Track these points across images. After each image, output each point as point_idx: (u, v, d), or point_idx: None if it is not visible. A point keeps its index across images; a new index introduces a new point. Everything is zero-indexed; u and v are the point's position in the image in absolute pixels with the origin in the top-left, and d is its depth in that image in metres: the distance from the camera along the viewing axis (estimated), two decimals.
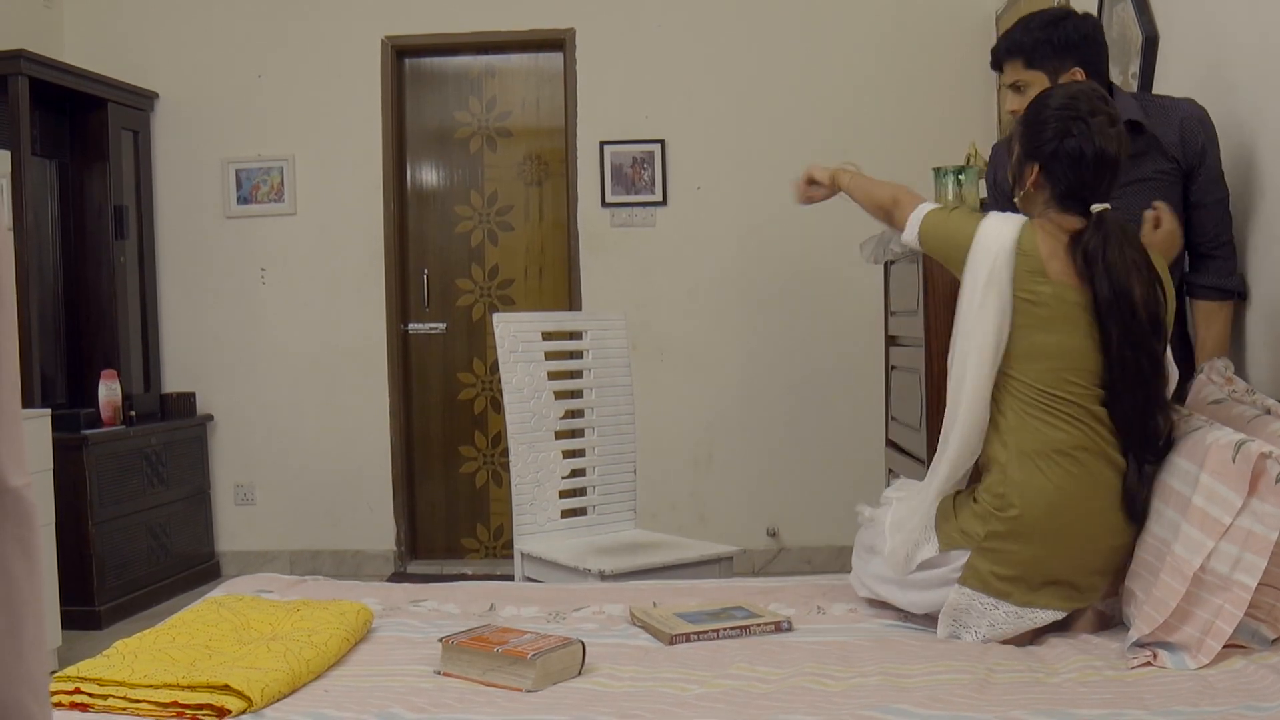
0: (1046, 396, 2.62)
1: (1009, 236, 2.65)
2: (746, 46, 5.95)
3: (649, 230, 6.04)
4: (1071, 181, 2.65)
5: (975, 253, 2.67)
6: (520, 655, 2.35)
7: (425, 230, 6.30)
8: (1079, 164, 2.63)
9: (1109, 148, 2.63)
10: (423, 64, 6.29)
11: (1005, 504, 2.61)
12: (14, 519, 0.82)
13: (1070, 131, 2.64)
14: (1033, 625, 2.61)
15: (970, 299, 2.67)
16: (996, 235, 2.66)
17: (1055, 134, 2.65)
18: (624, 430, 4.30)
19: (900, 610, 2.83)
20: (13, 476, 0.83)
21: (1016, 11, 5.33)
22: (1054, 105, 2.70)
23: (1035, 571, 2.59)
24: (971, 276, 2.67)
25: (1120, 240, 2.60)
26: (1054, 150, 2.65)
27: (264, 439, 6.20)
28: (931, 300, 3.65)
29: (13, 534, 0.82)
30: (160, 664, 2.36)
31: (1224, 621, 2.30)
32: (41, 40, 5.78)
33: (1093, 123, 2.63)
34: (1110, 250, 2.58)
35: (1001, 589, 2.60)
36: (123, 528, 5.34)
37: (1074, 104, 2.67)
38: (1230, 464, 2.32)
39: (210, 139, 6.17)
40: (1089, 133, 2.63)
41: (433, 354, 6.30)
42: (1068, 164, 2.64)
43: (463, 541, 6.32)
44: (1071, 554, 2.59)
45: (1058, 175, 2.66)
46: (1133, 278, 2.58)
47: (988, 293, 2.63)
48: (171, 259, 6.21)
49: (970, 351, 2.66)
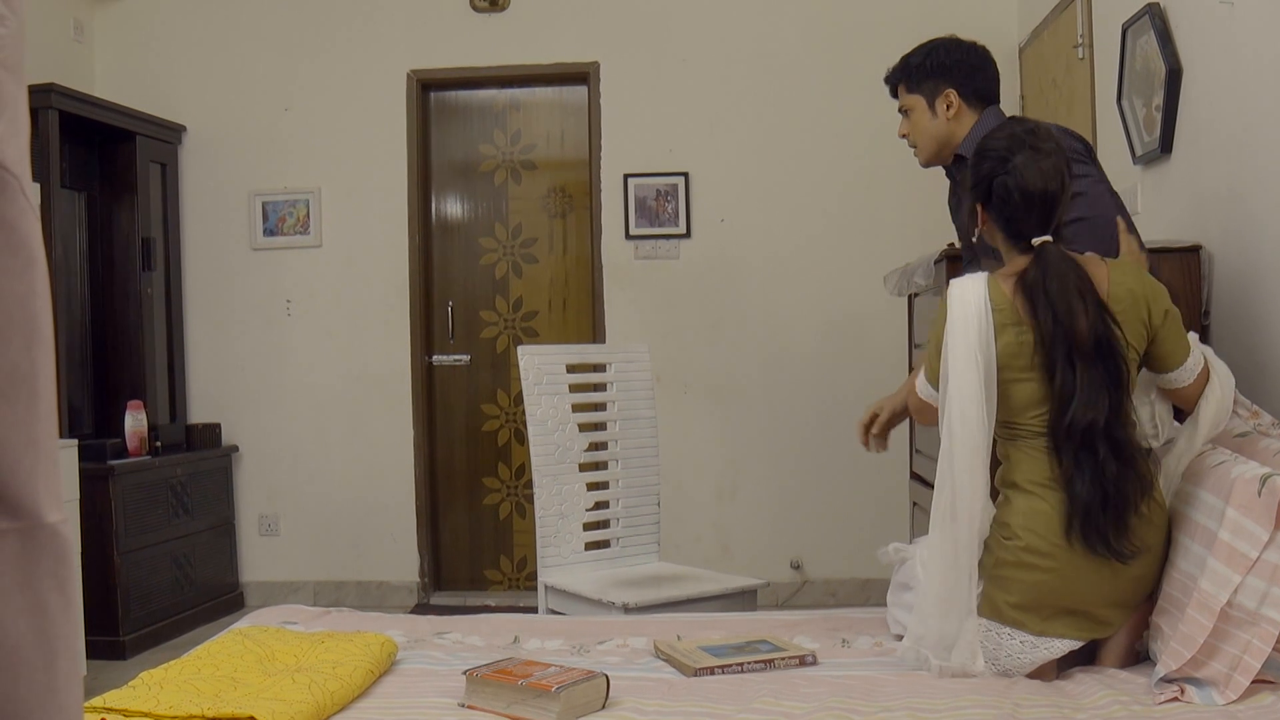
0: (1025, 431, 2.66)
1: (979, 294, 2.66)
2: (770, 80, 5.97)
3: (673, 262, 6.05)
4: (1009, 219, 2.70)
5: (952, 321, 2.66)
6: (545, 688, 2.35)
7: (450, 262, 6.32)
8: (1007, 203, 2.68)
9: (1033, 184, 2.65)
10: (448, 97, 6.33)
11: (1010, 533, 2.62)
12: (50, 554, 0.83)
13: (997, 171, 2.69)
14: (1049, 656, 2.59)
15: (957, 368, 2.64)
16: (961, 297, 2.67)
17: (988, 173, 2.71)
18: (648, 462, 4.29)
19: None
20: (50, 512, 0.84)
21: (1039, 45, 5.35)
22: (987, 147, 2.76)
23: (1046, 600, 2.57)
24: (952, 344, 2.65)
25: (1060, 268, 2.61)
26: (987, 191, 2.72)
27: (289, 470, 6.22)
28: None
29: (49, 569, 0.83)
30: (185, 695, 2.36)
31: (1252, 656, 2.28)
32: (72, 74, 5.85)
33: (1015, 160, 2.67)
34: (1050, 282, 2.60)
35: (1015, 618, 2.59)
36: (148, 558, 5.36)
37: (1007, 144, 2.71)
38: (1256, 498, 2.31)
39: (237, 172, 6.22)
40: (1016, 172, 2.66)
41: (457, 386, 6.32)
42: (1000, 204, 2.69)
43: (486, 573, 6.32)
44: (1080, 583, 2.56)
45: (997, 215, 2.72)
46: (1075, 306, 2.58)
47: (969, 358, 2.63)
48: (198, 290, 6.26)
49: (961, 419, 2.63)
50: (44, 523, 0.84)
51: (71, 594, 0.87)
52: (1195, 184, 3.68)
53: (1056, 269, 2.61)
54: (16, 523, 0.82)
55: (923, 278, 3.90)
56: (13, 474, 0.82)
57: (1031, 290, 2.61)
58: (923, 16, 5.91)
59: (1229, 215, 3.43)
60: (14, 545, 0.81)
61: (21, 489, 0.82)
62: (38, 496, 0.84)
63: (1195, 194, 3.68)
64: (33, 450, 0.84)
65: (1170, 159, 3.85)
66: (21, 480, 0.83)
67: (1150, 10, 3.85)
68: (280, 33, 6.22)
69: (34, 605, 0.82)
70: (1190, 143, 3.70)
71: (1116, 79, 4.21)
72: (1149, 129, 3.98)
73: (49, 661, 0.83)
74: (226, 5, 6.24)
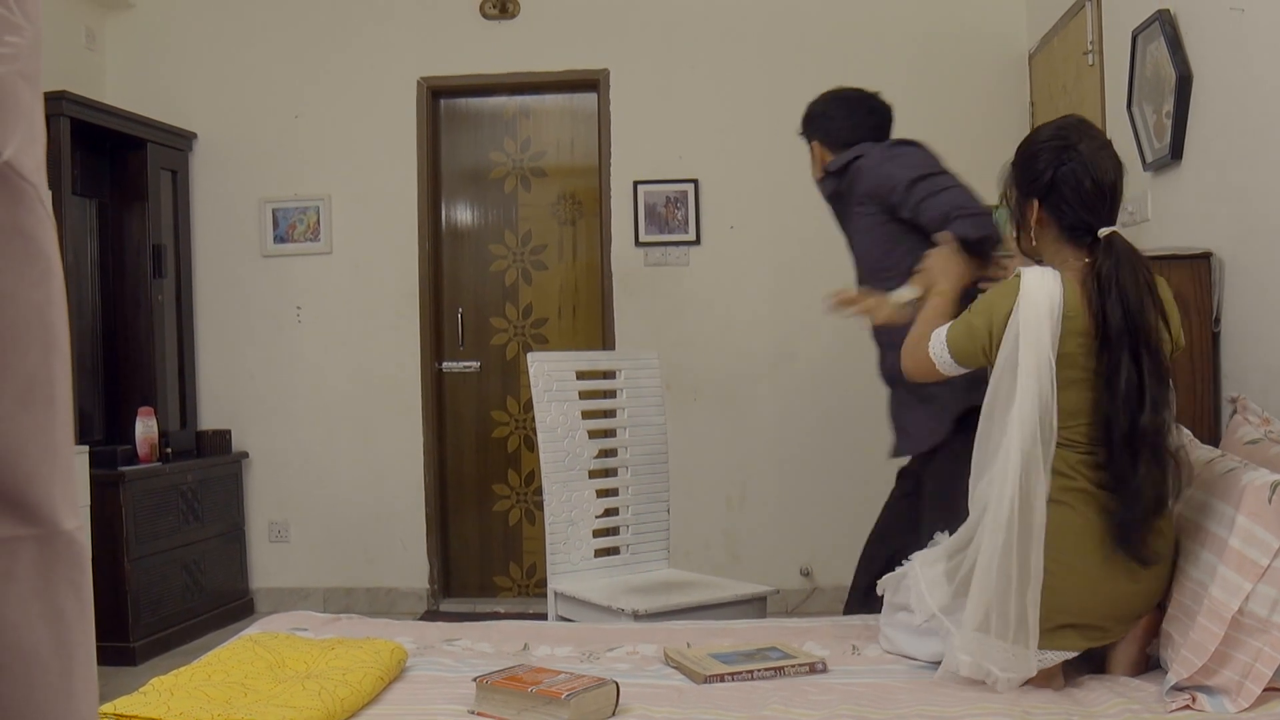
0: (1061, 440, 2.56)
1: (1054, 293, 2.56)
2: (779, 86, 5.97)
3: (682, 269, 6.05)
4: (1075, 211, 2.62)
5: (1025, 323, 2.54)
6: (555, 695, 2.35)
7: (460, 269, 6.33)
8: (1079, 192, 2.60)
9: (1106, 173, 2.61)
10: (458, 104, 6.34)
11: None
12: (66, 561, 0.84)
13: (1063, 160, 2.62)
14: (1043, 666, 2.55)
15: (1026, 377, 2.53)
16: (1033, 296, 2.56)
17: (1048, 164, 2.64)
18: (657, 469, 4.30)
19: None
20: (66, 520, 0.84)
21: (1049, 51, 5.35)
22: (1042, 139, 2.70)
23: (1057, 614, 2.54)
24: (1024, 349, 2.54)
25: (1132, 262, 2.56)
26: (1050, 181, 2.63)
27: (298, 476, 6.23)
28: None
29: (65, 576, 0.84)
30: (196, 701, 2.37)
31: (1263, 664, 2.28)
32: (83, 81, 5.86)
33: (1082, 149, 2.62)
34: (1123, 273, 2.54)
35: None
36: (158, 564, 5.37)
37: (1063, 134, 2.67)
38: (1267, 505, 2.30)
39: (248, 179, 6.24)
40: (1082, 159, 2.61)
41: (467, 392, 6.33)
42: (1068, 193, 2.61)
43: (495, 580, 6.32)
44: (1077, 596, 2.53)
45: (1060, 207, 2.63)
46: (1145, 301, 2.54)
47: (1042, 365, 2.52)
48: (208, 297, 6.27)
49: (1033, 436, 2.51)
50: (61, 529, 0.84)
51: (87, 600, 0.87)
52: (1206, 190, 3.68)
53: (1129, 260, 2.55)
54: (34, 529, 0.82)
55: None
56: (30, 481, 0.83)
57: (1105, 282, 2.53)
58: (931, 25, 5.92)
59: (1240, 222, 3.43)
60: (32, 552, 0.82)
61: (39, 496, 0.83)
62: (55, 503, 0.84)
63: (1206, 200, 3.68)
64: (50, 457, 0.85)
65: (1181, 165, 3.85)
66: (39, 487, 0.83)
67: (1160, 16, 3.85)
68: (290, 40, 6.23)
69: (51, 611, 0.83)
70: (1201, 149, 3.70)
71: (1126, 85, 4.21)
72: (1159, 135, 3.98)
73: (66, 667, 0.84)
74: (237, 13, 6.26)
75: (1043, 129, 2.75)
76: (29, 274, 0.84)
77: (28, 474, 0.82)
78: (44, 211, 0.86)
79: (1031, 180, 2.68)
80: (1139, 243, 4.10)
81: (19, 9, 0.86)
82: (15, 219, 0.83)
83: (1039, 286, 2.56)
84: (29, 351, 0.85)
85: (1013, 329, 2.56)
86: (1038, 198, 2.67)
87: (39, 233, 0.85)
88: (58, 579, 0.83)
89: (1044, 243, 2.71)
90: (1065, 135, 2.65)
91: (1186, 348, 3.52)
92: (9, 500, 0.81)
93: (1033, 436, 2.49)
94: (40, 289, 0.85)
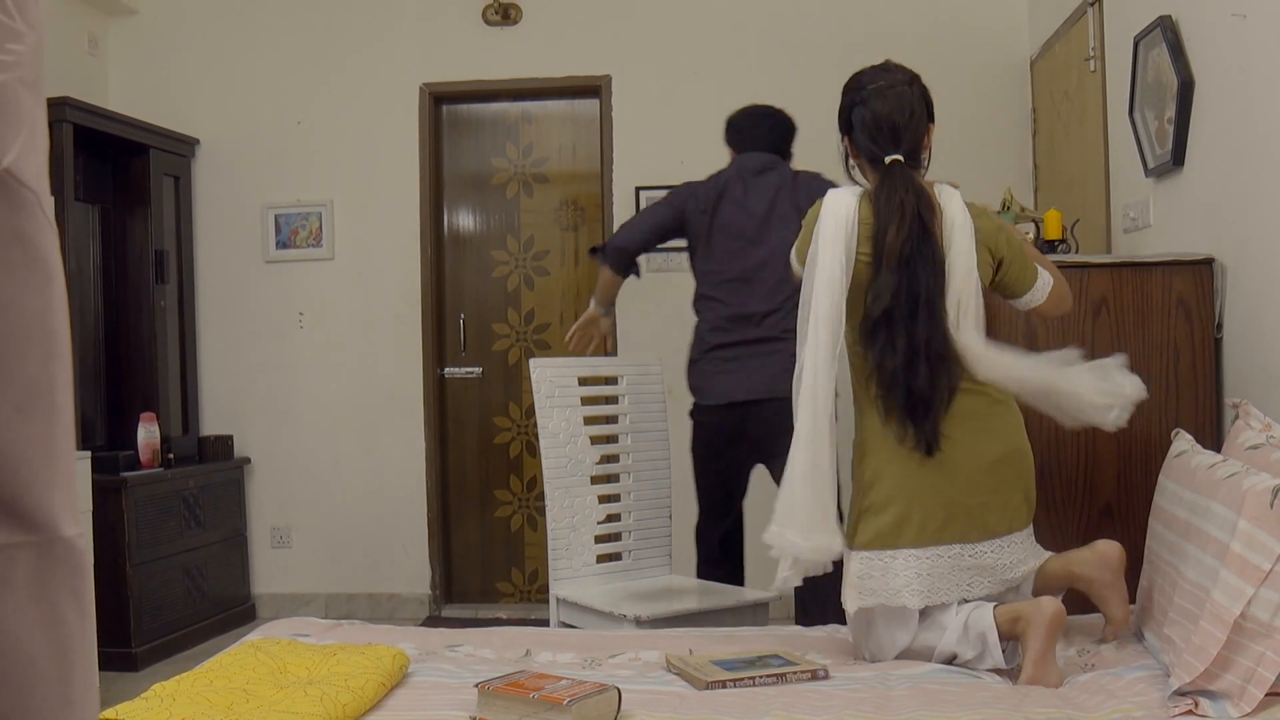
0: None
1: (849, 205, 2.96)
2: (781, 92, 5.96)
3: (684, 275, 6.03)
4: (864, 141, 3.01)
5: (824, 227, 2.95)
6: (556, 701, 2.35)
7: (462, 275, 6.34)
8: (864, 125, 3.01)
9: (883, 108, 2.99)
10: (460, 110, 6.35)
11: (861, 454, 3.00)
12: (66, 568, 0.84)
13: (855, 100, 3.04)
14: (940, 565, 2.83)
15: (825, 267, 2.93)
16: (837, 205, 2.97)
17: (847, 104, 3.07)
18: (659, 475, 4.30)
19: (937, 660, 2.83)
20: (66, 526, 0.84)
21: (1051, 57, 5.35)
22: (848, 84, 3.10)
23: (911, 507, 2.86)
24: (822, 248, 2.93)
25: (903, 187, 2.92)
26: (848, 118, 3.06)
27: (300, 482, 6.23)
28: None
29: (65, 583, 0.84)
30: (198, 707, 2.37)
31: (1266, 669, 2.27)
32: (86, 87, 5.87)
33: (869, 89, 3.02)
34: (890, 195, 2.92)
35: (892, 537, 2.88)
36: (160, 570, 5.37)
37: (860, 77, 3.08)
38: (1268, 509, 2.30)
39: (250, 184, 6.24)
40: (865, 97, 3.01)
41: (469, 398, 6.33)
42: (858, 126, 3.02)
43: (497, 585, 6.32)
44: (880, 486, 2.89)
45: (857, 140, 3.04)
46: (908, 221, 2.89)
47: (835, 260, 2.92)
48: (211, 303, 6.28)
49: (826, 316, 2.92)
50: (61, 536, 0.84)
51: (88, 607, 0.87)
52: (1208, 196, 3.68)
53: (902, 184, 2.93)
54: (34, 536, 0.82)
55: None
56: (30, 487, 0.83)
57: (876, 201, 2.94)
58: (933, 30, 5.92)
59: (1242, 227, 3.43)
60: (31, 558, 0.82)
61: (39, 502, 0.83)
62: (55, 510, 0.84)
63: (1208, 206, 3.67)
64: (50, 464, 0.85)
65: (1182, 171, 3.85)
66: (39, 494, 0.83)
67: (1162, 22, 3.85)
68: (293, 46, 6.24)
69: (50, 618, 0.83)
70: (1203, 155, 3.70)
71: (1128, 91, 4.21)
72: (1161, 141, 3.98)
73: (65, 674, 0.84)
74: (239, 19, 6.27)
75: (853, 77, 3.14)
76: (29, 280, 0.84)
77: (27, 481, 0.82)
78: (45, 218, 0.86)
79: (840, 118, 3.10)
80: (1141, 248, 4.12)
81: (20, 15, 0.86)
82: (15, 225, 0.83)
83: (837, 199, 2.99)
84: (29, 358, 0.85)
85: (816, 234, 2.97)
86: (845, 132, 3.10)
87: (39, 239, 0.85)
88: (57, 586, 0.83)
89: (861, 171, 3.12)
90: (861, 77, 3.07)
91: (1189, 353, 3.54)
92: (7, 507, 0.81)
93: (830, 331, 2.90)
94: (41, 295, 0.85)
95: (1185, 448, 2.84)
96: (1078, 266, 3.65)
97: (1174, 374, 3.57)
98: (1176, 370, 3.57)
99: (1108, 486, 3.59)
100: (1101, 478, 3.59)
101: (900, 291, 2.86)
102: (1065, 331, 3.59)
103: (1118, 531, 3.49)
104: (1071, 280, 3.62)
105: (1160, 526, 2.80)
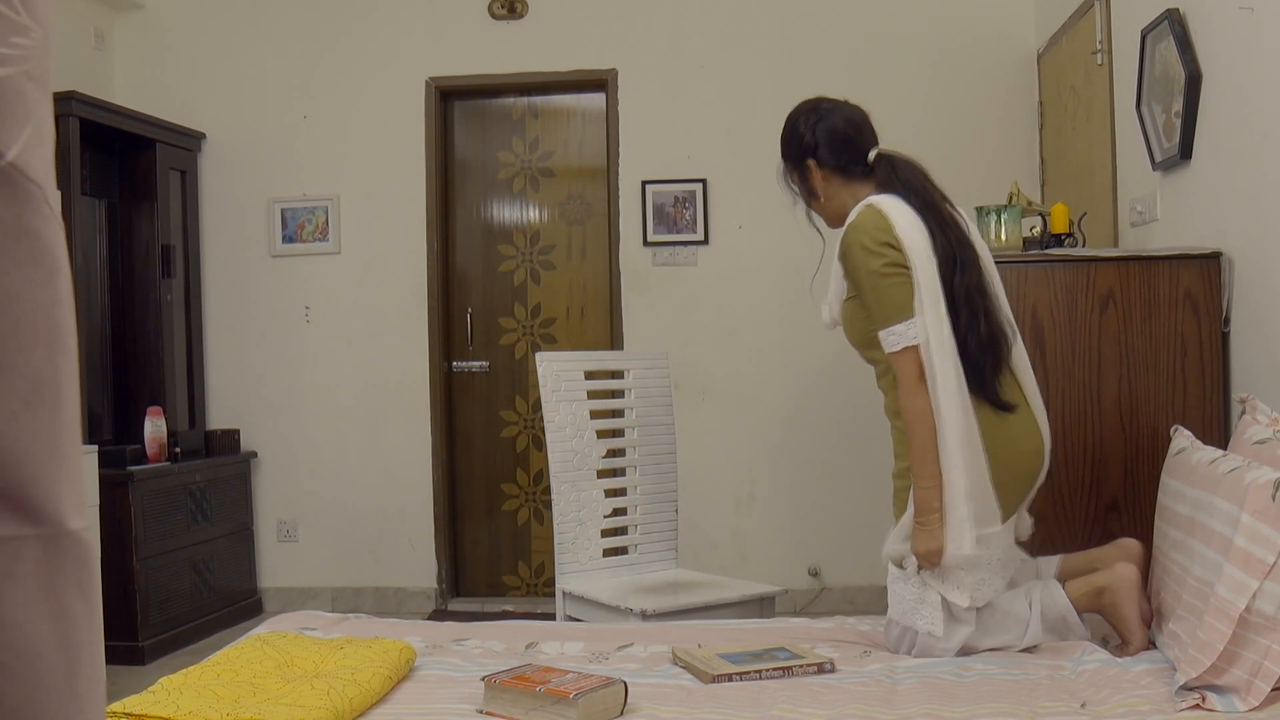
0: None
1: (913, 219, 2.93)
2: (788, 86, 5.96)
3: (691, 269, 6.05)
4: (841, 149, 3.04)
5: (915, 252, 2.88)
6: (563, 695, 2.35)
7: (468, 269, 6.34)
8: (836, 133, 3.04)
9: (849, 113, 3.08)
10: (466, 104, 6.35)
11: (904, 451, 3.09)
12: (74, 561, 0.84)
13: (816, 118, 3.07)
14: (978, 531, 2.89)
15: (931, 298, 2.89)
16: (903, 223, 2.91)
17: (807, 127, 3.07)
18: (666, 469, 4.30)
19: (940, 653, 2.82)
20: (73, 519, 0.84)
21: (1058, 51, 5.34)
22: (792, 115, 3.15)
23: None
24: (921, 275, 2.88)
25: (907, 162, 3.02)
26: (814, 138, 3.05)
27: (307, 476, 6.24)
28: None
29: (72, 575, 0.84)
30: (205, 700, 2.37)
31: (1272, 662, 2.27)
32: (92, 81, 5.88)
33: (824, 106, 3.10)
34: (913, 173, 2.99)
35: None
36: (167, 563, 5.38)
37: (807, 105, 3.13)
38: (1271, 503, 2.30)
39: (256, 179, 6.25)
40: (825, 111, 3.07)
41: (475, 392, 6.33)
42: (830, 138, 3.04)
43: (504, 579, 6.32)
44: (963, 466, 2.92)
45: (830, 153, 3.04)
46: (928, 186, 2.99)
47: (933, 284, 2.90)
48: (217, 297, 6.28)
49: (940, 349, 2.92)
50: (67, 529, 0.84)
51: (94, 601, 0.87)
52: (1215, 190, 3.67)
53: (905, 162, 3.01)
54: (40, 529, 0.82)
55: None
56: (36, 481, 0.83)
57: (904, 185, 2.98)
58: (941, 26, 5.91)
59: (1249, 221, 3.42)
60: (37, 552, 0.82)
61: (45, 496, 0.83)
62: (61, 503, 0.84)
63: (1215, 200, 3.67)
64: (56, 457, 0.85)
65: (1190, 165, 3.84)
66: (45, 487, 0.83)
67: (1169, 16, 3.84)
68: (299, 40, 6.24)
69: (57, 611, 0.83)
70: (1210, 149, 3.69)
71: (1136, 85, 4.20)
72: (1168, 135, 3.97)
73: (72, 668, 0.83)
74: (246, 13, 6.27)
75: (792, 111, 3.18)
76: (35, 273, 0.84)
77: (33, 474, 0.82)
78: (50, 211, 0.86)
79: (799, 146, 3.09)
80: (1148, 242, 4.11)
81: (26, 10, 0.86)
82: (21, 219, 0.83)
83: (899, 212, 2.91)
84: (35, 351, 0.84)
85: (915, 265, 2.88)
86: (811, 157, 3.08)
87: (45, 232, 0.85)
88: (63, 579, 0.83)
89: (836, 193, 3.10)
90: (809, 104, 3.13)
91: (1196, 347, 3.54)
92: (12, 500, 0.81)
93: (939, 347, 2.89)
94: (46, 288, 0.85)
95: (1185, 444, 2.84)
96: (1085, 260, 3.65)
97: (1181, 368, 3.57)
98: (1184, 365, 3.57)
99: (1114, 482, 3.58)
100: (1108, 473, 3.59)
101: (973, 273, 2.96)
102: (1073, 325, 3.59)
103: (1124, 526, 3.49)
104: (1079, 274, 3.62)
105: (1165, 524, 2.80)
